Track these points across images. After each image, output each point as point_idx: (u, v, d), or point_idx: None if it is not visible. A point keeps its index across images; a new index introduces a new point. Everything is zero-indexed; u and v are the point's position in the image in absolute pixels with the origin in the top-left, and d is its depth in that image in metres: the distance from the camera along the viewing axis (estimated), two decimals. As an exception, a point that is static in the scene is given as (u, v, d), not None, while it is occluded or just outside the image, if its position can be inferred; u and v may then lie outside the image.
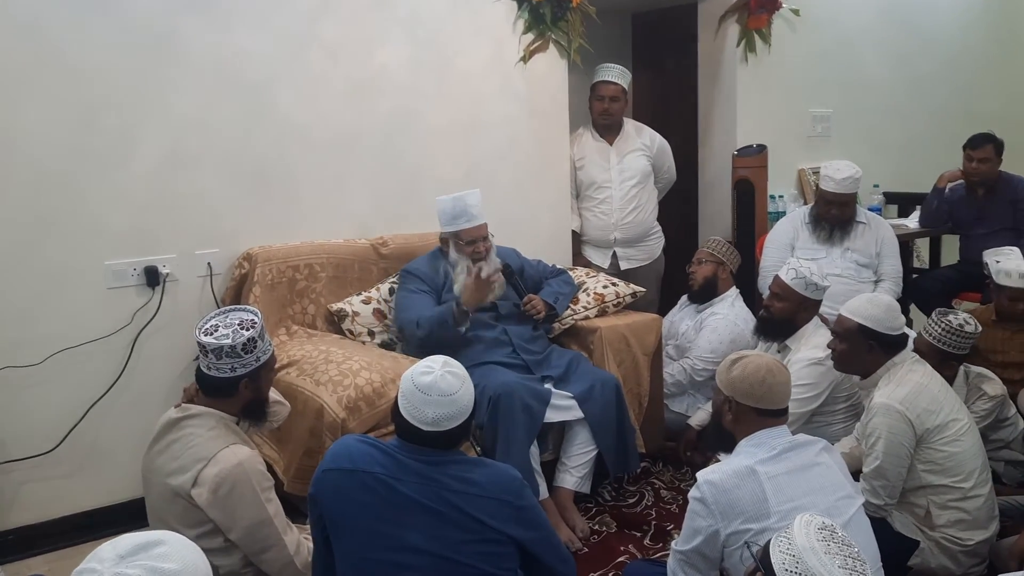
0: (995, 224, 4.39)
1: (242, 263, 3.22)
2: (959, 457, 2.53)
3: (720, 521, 1.97)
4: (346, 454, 2.01)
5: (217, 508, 2.09)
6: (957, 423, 2.56)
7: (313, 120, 3.43)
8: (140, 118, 3.05)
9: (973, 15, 6.12)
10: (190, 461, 2.12)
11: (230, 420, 2.25)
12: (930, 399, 2.57)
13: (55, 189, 2.91)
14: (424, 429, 1.96)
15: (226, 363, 2.17)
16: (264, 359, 2.24)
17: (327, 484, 1.99)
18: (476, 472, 1.99)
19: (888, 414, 2.53)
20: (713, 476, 2.02)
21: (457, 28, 3.77)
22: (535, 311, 3.33)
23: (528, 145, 4.05)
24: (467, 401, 2.00)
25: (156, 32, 3.05)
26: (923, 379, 2.62)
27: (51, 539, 2.94)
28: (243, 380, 2.21)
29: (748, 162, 4.34)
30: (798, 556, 1.43)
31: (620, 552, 2.93)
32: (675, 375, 3.77)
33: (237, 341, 2.15)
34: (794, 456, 2.07)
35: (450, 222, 3.24)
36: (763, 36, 4.81)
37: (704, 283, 3.89)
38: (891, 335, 2.67)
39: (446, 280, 3.28)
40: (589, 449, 3.12)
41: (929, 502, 2.54)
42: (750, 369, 2.14)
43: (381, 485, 1.94)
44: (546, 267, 3.61)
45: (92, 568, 1.24)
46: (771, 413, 2.13)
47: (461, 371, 2.03)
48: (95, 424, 3.03)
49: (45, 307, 2.92)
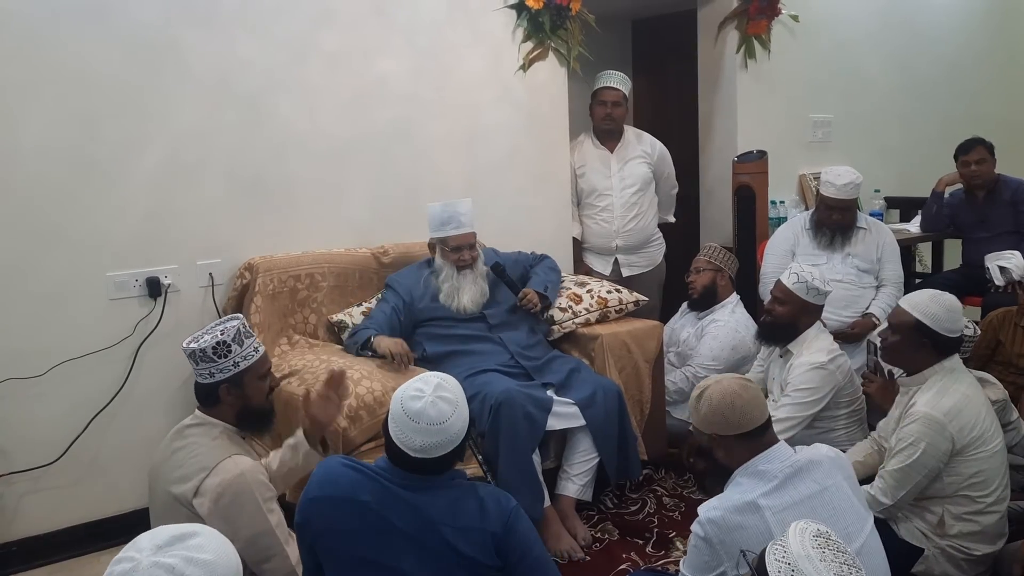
0: (996, 228, 4.38)
1: (243, 273, 3.23)
2: (988, 473, 2.49)
3: (726, 560, 1.87)
4: (332, 480, 1.95)
5: (218, 518, 2.09)
6: (993, 440, 2.51)
7: (313, 129, 3.45)
8: (141, 129, 3.07)
9: (974, 19, 6.12)
10: (193, 470, 2.13)
11: (233, 431, 2.26)
12: (973, 414, 2.50)
13: (57, 200, 2.93)
14: (412, 456, 1.89)
15: (204, 368, 2.19)
16: (245, 365, 2.22)
17: (314, 514, 1.94)
18: (464, 503, 1.92)
19: (930, 426, 2.46)
20: (714, 514, 1.92)
21: (456, 37, 3.78)
22: (531, 305, 3.33)
23: (528, 153, 4.06)
24: (458, 428, 1.90)
25: (157, 43, 3.07)
26: (969, 390, 2.55)
27: (54, 550, 2.96)
28: (223, 385, 2.20)
29: (749, 168, 4.33)
30: (793, 564, 1.43)
31: (622, 560, 2.93)
32: (677, 383, 3.76)
33: (207, 345, 2.16)
34: (799, 484, 1.95)
35: (438, 228, 3.27)
36: (763, 42, 4.82)
37: (703, 291, 3.89)
38: (947, 336, 2.58)
39: (426, 291, 3.29)
40: (591, 457, 3.12)
41: (945, 511, 2.52)
42: (715, 400, 2.04)
43: (370, 514, 1.89)
44: (526, 256, 3.62)
45: (131, 557, 1.27)
46: (755, 433, 2.02)
47: (454, 394, 1.94)
48: (98, 435, 3.04)
49: (47, 318, 2.94)
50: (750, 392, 2.06)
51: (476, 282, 3.30)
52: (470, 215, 3.27)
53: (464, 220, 3.25)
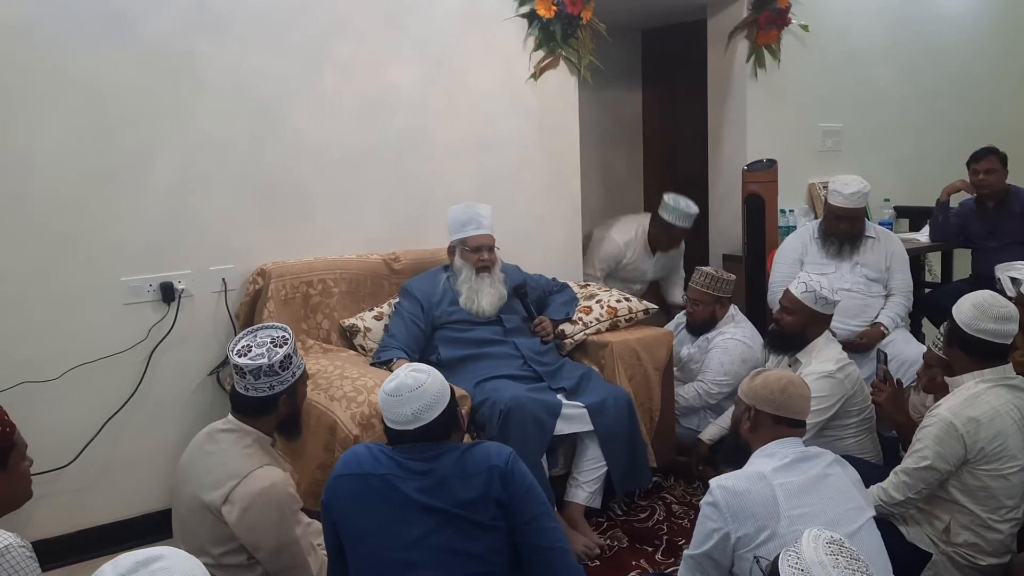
0: (1006, 238, 4.37)
1: (256, 279, 3.26)
2: (995, 491, 2.46)
3: (731, 524, 1.98)
4: (355, 460, 2.08)
5: (245, 527, 2.11)
6: (1012, 462, 2.45)
7: (326, 138, 3.47)
8: (156, 137, 3.10)
9: (985, 28, 6.11)
10: (224, 476, 2.15)
11: (266, 440, 2.28)
12: (994, 430, 2.44)
13: (73, 207, 2.96)
14: (410, 428, 2.03)
15: (264, 382, 2.20)
16: (299, 373, 2.28)
17: (338, 490, 2.05)
18: (468, 453, 2.06)
19: (945, 430, 2.44)
20: (726, 481, 2.04)
21: (468, 46, 3.81)
22: (545, 334, 3.39)
23: (539, 161, 4.08)
24: (438, 388, 2.05)
25: (171, 53, 3.10)
26: (1001, 407, 2.46)
27: (68, 553, 2.97)
28: (282, 397, 2.24)
29: (758, 177, 4.33)
30: (807, 571, 1.44)
31: (632, 567, 2.93)
32: (688, 398, 3.72)
33: (274, 360, 2.19)
34: (806, 466, 2.08)
35: (459, 229, 3.31)
36: (772, 51, 4.83)
37: (702, 322, 3.82)
38: (969, 334, 2.51)
39: (444, 295, 3.31)
40: (600, 464, 3.12)
41: (952, 518, 2.51)
42: (772, 378, 2.21)
43: (386, 486, 2.00)
44: (548, 281, 3.64)
45: None
46: (788, 423, 2.17)
47: (424, 367, 2.10)
48: (111, 439, 3.06)
49: (62, 322, 2.97)
50: (805, 390, 2.22)
51: (495, 285, 3.33)
52: (490, 218, 3.33)
53: (485, 222, 3.31)
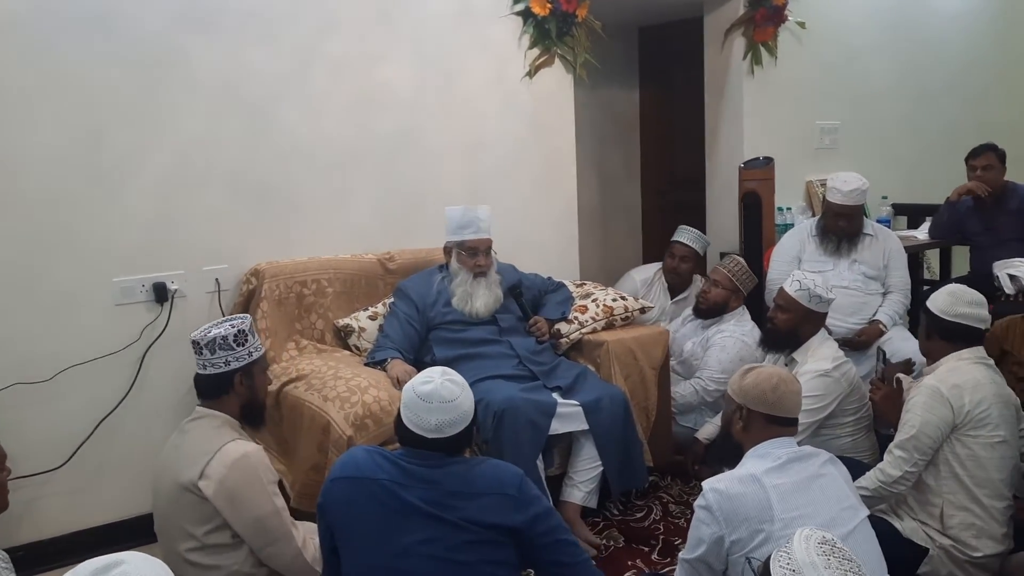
0: (1004, 235, 4.35)
1: (250, 279, 3.24)
2: (984, 462, 2.49)
3: (725, 527, 1.96)
4: (353, 463, 2.05)
5: (224, 498, 2.13)
6: (997, 431, 2.51)
7: (318, 137, 3.46)
8: (147, 136, 3.08)
9: (981, 25, 6.10)
10: (197, 454, 2.17)
11: (235, 423, 2.31)
12: (979, 396, 2.51)
13: (64, 207, 2.95)
14: (428, 436, 2.00)
15: (220, 357, 2.25)
16: (256, 356, 2.32)
17: (334, 493, 2.03)
18: (476, 470, 2.04)
19: (932, 395, 2.51)
20: (718, 484, 2.02)
21: (462, 44, 3.79)
22: (541, 334, 3.37)
23: (534, 161, 4.06)
24: (467, 407, 2.04)
25: (162, 51, 3.09)
26: (982, 378, 2.56)
27: (61, 555, 2.95)
28: (238, 374, 2.27)
29: (755, 175, 4.32)
30: (798, 571, 1.43)
31: (628, 567, 2.92)
32: (686, 395, 3.73)
33: (228, 332, 2.25)
34: (799, 467, 2.06)
35: (456, 231, 3.29)
36: (769, 49, 4.82)
37: (714, 306, 3.87)
38: (945, 319, 2.60)
39: (439, 296, 3.30)
40: (596, 464, 3.11)
41: (944, 501, 2.52)
42: (763, 376, 2.17)
43: (385, 492, 1.98)
44: (543, 281, 3.63)
45: None
46: (781, 421, 2.15)
47: (460, 379, 2.08)
48: (104, 440, 3.05)
49: (54, 323, 2.95)
50: (796, 386, 2.19)
51: (490, 288, 3.31)
52: (488, 221, 3.31)
53: (483, 226, 3.29)
